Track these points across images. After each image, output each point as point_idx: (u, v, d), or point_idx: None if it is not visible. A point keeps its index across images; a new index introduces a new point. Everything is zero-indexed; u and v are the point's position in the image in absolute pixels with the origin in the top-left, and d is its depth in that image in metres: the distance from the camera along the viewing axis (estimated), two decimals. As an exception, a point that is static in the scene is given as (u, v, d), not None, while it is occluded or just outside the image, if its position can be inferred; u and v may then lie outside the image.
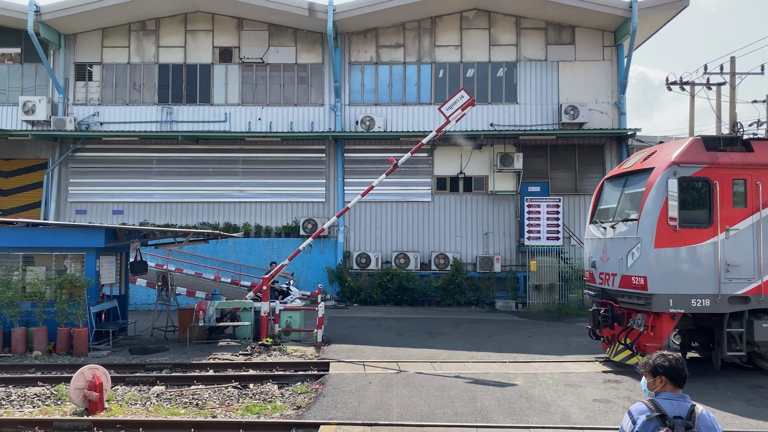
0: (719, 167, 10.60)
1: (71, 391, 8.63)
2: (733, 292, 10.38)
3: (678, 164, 10.54)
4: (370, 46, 23.06)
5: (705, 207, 10.58)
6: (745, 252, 10.48)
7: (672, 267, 10.41)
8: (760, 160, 10.78)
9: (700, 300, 10.34)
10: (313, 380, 10.49)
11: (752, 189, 10.64)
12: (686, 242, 10.41)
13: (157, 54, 23.26)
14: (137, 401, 9.39)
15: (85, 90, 23.22)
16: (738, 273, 10.41)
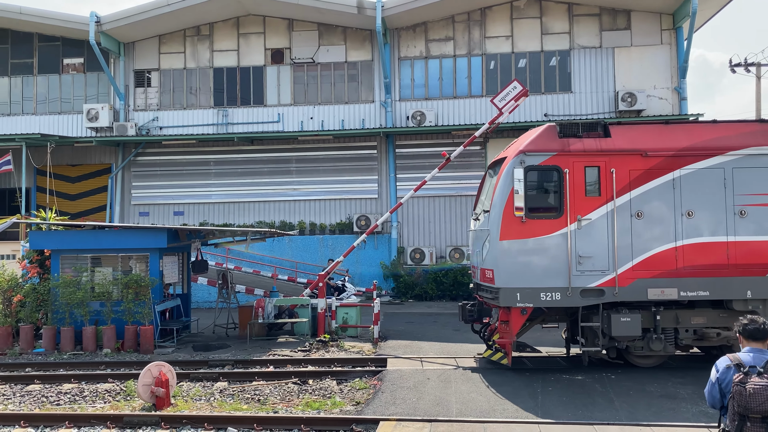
0: (570, 154, 9.95)
1: (139, 387, 8.94)
2: (586, 285, 9.77)
3: (525, 153, 9.99)
4: (419, 41, 22.97)
5: (555, 197, 9.97)
6: (599, 243, 9.81)
7: (519, 260, 9.86)
8: (617, 145, 10.02)
9: (550, 294, 9.78)
10: (371, 376, 10.54)
11: (606, 177, 9.91)
12: (534, 234, 9.85)
13: (212, 58, 23.82)
14: (201, 397, 9.65)
15: (144, 96, 24.00)
16: (591, 265, 9.78)
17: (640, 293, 9.78)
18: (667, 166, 9.91)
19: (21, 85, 24.65)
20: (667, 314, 10.01)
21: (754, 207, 9.82)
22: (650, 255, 9.81)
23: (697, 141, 10.00)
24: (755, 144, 9.91)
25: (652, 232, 9.85)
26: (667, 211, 9.87)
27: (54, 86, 24.48)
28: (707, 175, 9.89)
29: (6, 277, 14.26)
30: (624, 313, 9.81)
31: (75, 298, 13.42)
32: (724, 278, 9.75)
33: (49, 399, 9.77)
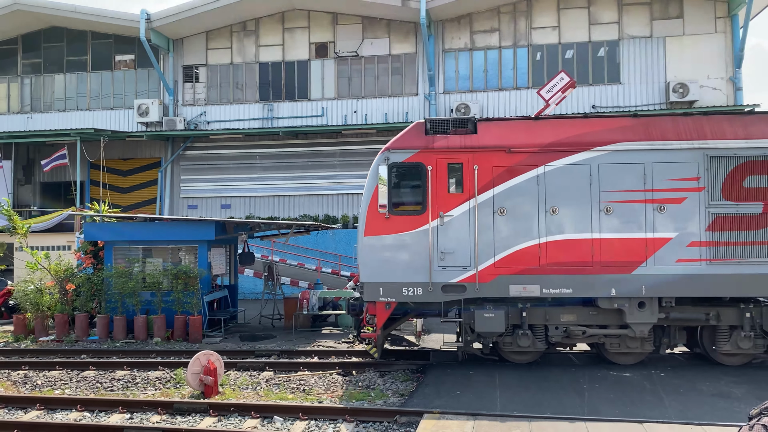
0: (434, 151, 9.90)
1: (188, 375, 9.17)
2: (447, 281, 9.74)
3: (390, 150, 10.00)
4: (464, 33, 22.76)
5: (419, 193, 9.90)
6: (461, 239, 9.74)
7: (383, 255, 9.87)
8: (481, 142, 9.88)
9: (412, 289, 9.81)
10: (414, 368, 10.55)
11: (469, 173, 9.81)
12: (398, 230, 9.86)
13: (257, 53, 24.13)
14: (248, 386, 9.84)
15: (192, 91, 24.50)
16: (453, 261, 9.74)
17: (502, 290, 9.70)
18: (531, 163, 9.75)
19: (75, 82, 25.49)
20: (535, 311, 9.96)
21: (620, 203, 9.61)
22: (513, 252, 9.71)
23: (563, 137, 9.80)
24: (622, 139, 9.69)
25: (514, 228, 9.76)
26: (531, 208, 9.73)
27: (106, 82, 25.23)
28: (573, 171, 9.69)
29: (62, 267, 14.81)
30: (488, 309, 9.78)
31: (127, 288, 13.83)
32: (588, 276, 9.58)
33: (103, 385, 10.11)
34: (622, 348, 10.10)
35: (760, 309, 9.71)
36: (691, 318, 9.82)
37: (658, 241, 9.52)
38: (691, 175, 9.54)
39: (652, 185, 9.59)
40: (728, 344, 9.79)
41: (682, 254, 9.49)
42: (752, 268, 9.40)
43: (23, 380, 10.48)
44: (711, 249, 9.46)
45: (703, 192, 9.51)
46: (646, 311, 9.63)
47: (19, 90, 25.91)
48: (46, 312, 14.48)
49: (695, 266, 9.46)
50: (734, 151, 9.51)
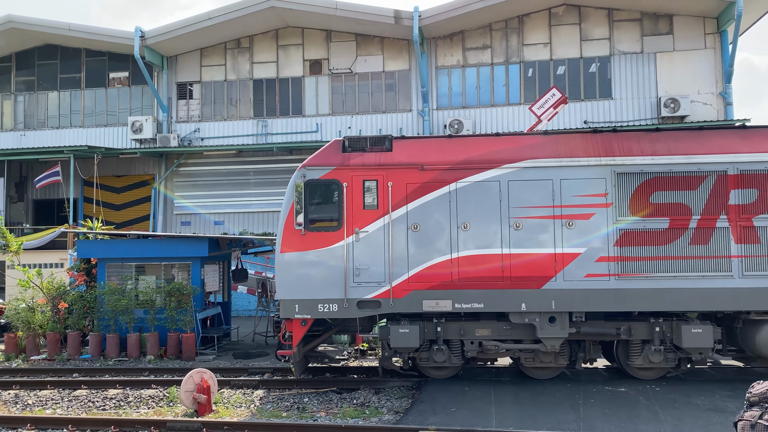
0: (350, 168, 10.09)
1: (182, 393, 9.10)
2: (362, 297, 9.84)
3: (306, 167, 10.21)
4: (456, 50, 22.94)
5: (334, 210, 10.08)
6: (375, 255, 9.87)
7: (299, 271, 9.98)
8: (396, 159, 10.09)
9: (327, 305, 9.89)
10: (409, 385, 10.50)
11: (384, 190, 10.01)
12: (314, 246, 9.99)
13: (252, 70, 24.23)
14: (242, 404, 9.76)
15: (186, 108, 24.55)
16: (368, 277, 9.86)
17: (416, 305, 9.79)
18: (443, 179, 9.94)
19: (69, 99, 25.50)
20: (450, 326, 10.05)
21: (529, 219, 9.77)
22: (426, 267, 9.83)
23: (474, 154, 10.01)
24: (531, 157, 9.86)
25: (428, 244, 9.88)
26: (443, 224, 9.87)
27: (100, 99, 25.25)
28: (483, 187, 9.87)
29: (55, 285, 14.71)
30: (403, 325, 9.87)
31: (120, 305, 13.75)
32: (498, 290, 9.69)
33: (95, 404, 10.01)
34: (536, 362, 10.20)
35: (670, 323, 9.81)
36: (602, 332, 9.94)
37: (567, 256, 9.65)
38: (599, 191, 9.70)
39: (561, 201, 9.73)
40: (640, 358, 9.92)
41: (591, 269, 9.60)
42: (659, 282, 9.53)
43: (14, 400, 10.37)
44: (619, 264, 9.58)
45: (610, 208, 9.67)
46: (556, 326, 9.73)
47: (12, 107, 25.90)
48: (37, 330, 14.36)
49: (604, 281, 9.58)
50: (641, 168, 9.68)
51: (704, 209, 9.57)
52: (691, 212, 9.57)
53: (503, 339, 10.01)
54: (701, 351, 9.68)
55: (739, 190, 9.56)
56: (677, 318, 9.86)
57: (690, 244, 9.53)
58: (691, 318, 9.86)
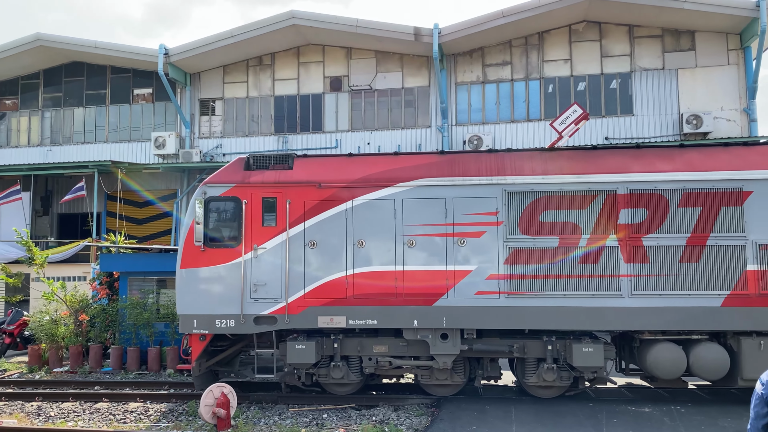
0: (250, 186, 10.24)
1: (201, 407, 9.12)
2: (259, 313, 9.96)
3: (207, 184, 10.35)
4: (476, 66, 23.00)
5: (234, 227, 10.20)
6: (273, 272, 9.99)
7: (197, 287, 10.09)
8: (295, 177, 10.26)
9: (224, 320, 10.01)
10: (428, 403, 10.42)
11: (282, 207, 10.14)
12: (213, 262, 10.09)
13: (273, 87, 24.50)
14: (261, 419, 9.76)
15: (209, 124, 24.87)
16: (265, 293, 9.97)
17: (311, 321, 9.90)
18: (340, 197, 10.06)
19: (94, 115, 25.97)
20: (349, 342, 10.17)
21: (423, 237, 9.85)
22: (322, 283, 9.93)
23: (370, 173, 10.12)
24: (425, 176, 9.98)
25: (324, 261, 9.99)
26: (340, 241, 9.98)
27: (125, 115, 25.68)
28: (379, 205, 9.98)
29: (77, 298, 14.89)
30: (299, 341, 10.00)
31: (141, 319, 13.87)
32: (392, 307, 9.76)
33: (116, 417, 10.08)
34: (432, 379, 10.22)
35: (564, 342, 9.79)
36: (495, 350, 9.99)
37: (458, 273, 9.71)
38: (490, 210, 9.79)
39: (453, 219, 9.82)
40: (534, 376, 9.93)
41: (482, 287, 9.67)
42: (549, 301, 9.53)
43: (36, 412, 10.48)
44: (509, 282, 9.64)
45: (501, 226, 9.74)
46: (448, 343, 9.81)
47: (39, 123, 26.44)
48: (60, 343, 14.52)
49: (494, 299, 9.63)
50: (531, 187, 9.74)
51: (594, 228, 9.58)
52: (581, 231, 9.57)
53: (401, 355, 10.10)
54: (594, 370, 9.67)
55: (629, 210, 9.55)
56: (572, 337, 9.85)
57: (579, 263, 9.54)
58: (584, 337, 9.85)
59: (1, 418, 10.04)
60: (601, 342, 9.68)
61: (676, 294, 9.36)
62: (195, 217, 10.19)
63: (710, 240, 9.39)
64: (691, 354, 9.47)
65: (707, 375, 9.49)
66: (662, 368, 9.44)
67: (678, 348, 9.49)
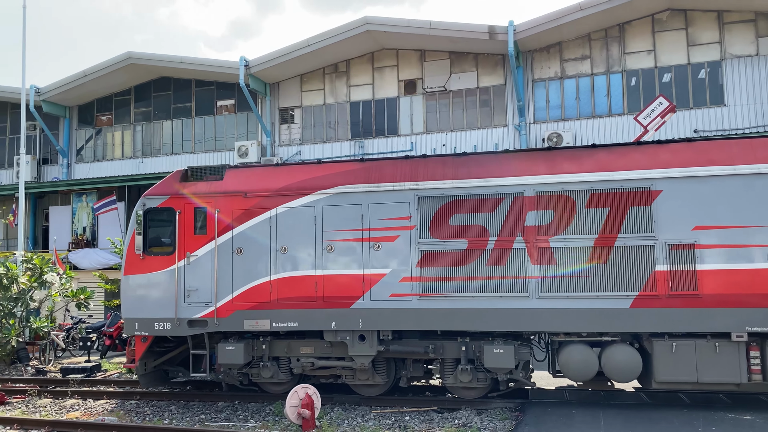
0: (183, 197, 10.84)
1: (287, 408, 9.33)
2: (192, 316, 10.55)
3: (146, 196, 11.04)
4: (553, 61, 22.44)
5: (169, 235, 10.81)
6: (204, 278, 10.56)
7: (138, 293, 10.80)
8: (224, 187, 10.76)
9: (162, 323, 10.66)
10: (512, 407, 10.23)
11: (212, 216, 10.66)
12: (152, 269, 10.80)
13: (349, 93, 24.87)
14: (344, 420, 9.88)
15: (288, 132, 25.53)
16: (197, 297, 10.56)
17: (238, 324, 10.42)
18: (265, 206, 10.51)
19: (181, 127, 27.24)
20: (277, 344, 10.73)
21: (341, 242, 10.20)
22: (248, 288, 10.42)
23: (292, 181, 10.54)
24: (344, 183, 10.32)
25: (250, 266, 10.46)
26: (264, 248, 10.45)
27: (209, 127, 26.78)
28: (300, 213, 10.38)
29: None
30: (230, 342, 10.61)
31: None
32: (312, 310, 10.17)
33: (208, 416, 10.48)
34: (355, 380, 10.59)
35: (480, 343, 9.90)
36: (411, 351, 10.25)
37: (374, 277, 10.03)
38: (403, 215, 10.02)
39: (369, 224, 10.13)
40: (452, 377, 10.16)
41: (396, 289, 9.93)
42: (459, 302, 9.68)
43: (135, 409, 11.06)
44: (421, 284, 9.85)
45: (414, 230, 9.96)
46: (365, 344, 10.17)
47: (132, 137, 28.01)
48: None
49: (407, 301, 9.88)
50: (441, 191, 9.94)
51: (501, 230, 9.68)
52: (489, 234, 9.68)
53: (327, 356, 10.54)
54: (506, 371, 9.79)
55: (535, 212, 9.58)
56: (491, 338, 9.95)
57: (488, 264, 9.65)
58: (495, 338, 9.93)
59: (103, 415, 10.68)
60: (513, 344, 9.75)
61: (583, 295, 9.31)
62: (135, 228, 11.00)
63: (618, 240, 9.29)
64: (602, 356, 9.49)
65: (618, 377, 9.50)
66: (573, 369, 9.56)
67: (589, 349, 9.52)
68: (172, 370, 11.88)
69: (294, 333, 10.68)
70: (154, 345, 11.22)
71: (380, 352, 10.23)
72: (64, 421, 10.00)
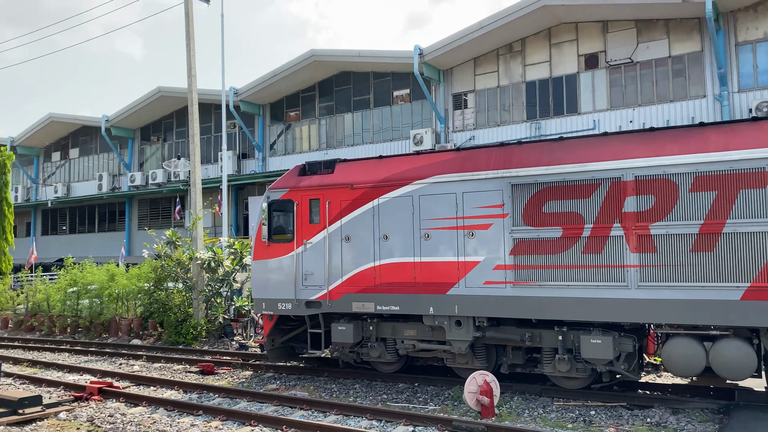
0: (300, 190, 11.84)
1: (466, 394, 9.31)
2: (309, 298, 11.53)
3: (270, 190, 12.20)
4: (762, 20, 19.73)
5: (289, 225, 11.87)
6: (318, 263, 11.47)
7: (265, 276, 12.05)
8: (334, 180, 11.55)
9: (284, 304, 11.76)
10: (715, 408, 9.21)
11: (323, 207, 11.52)
12: (276, 255, 11.94)
13: (524, 72, 24.09)
14: (524, 410, 9.62)
15: (461, 117, 25.45)
16: (313, 281, 11.51)
17: (347, 306, 11.21)
18: (368, 196, 11.15)
19: (361, 119, 28.41)
20: (384, 325, 11.28)
21: (436, 230, 10.52)
22: (355, 273, 11.18)
23: (392, 173, 11.04)
24: (439, 173, 10.58)
25: (357, 253, 11.20)
26: (369, 235, 11.10)
27: (386, 117, 27.60)
28: (399, 202, 10.86)
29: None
30: (341, 323, 11.35)
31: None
32: (411, 295, 10.66)
33: (389, 396, 10.83)
34: (455, 363, 10.90)
35: (577, 333, 9.62)
36: (507, 338, 10.30)
37: (468, 264, 10.23)
38: (496, 203, 10.06)
39: (463, 213, 10.33)
40: (550, 366, 10.02)
41: (489, 277, 10.06)
42: (553, 291, 9.55)
43: (323, 386, 11.78)
44: (515, 272, 9.86)
45: (507, 218, 9.97)
46: (462, 329, 10.39)
47: (317, 130, 29.83)
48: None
49: (501, 288, 9.97)
50: (535, 178, 9.80)
51: (598, 217, 9.35)
52: (584, 221, 9.41)
53: (428, 339, 10.88)
54: (604, 363, 9.45)
55: (634, 197, 9.14)
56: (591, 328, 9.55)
57: (583, 252, 9.40)
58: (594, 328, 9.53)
59: (295, 390, 11.52)
60: (611, 334, 9.33)
61: (687, 286, 8.73)
62: (262, 218, 12.15)
63: (727, 227, 8.54)
64: (711, 350, 8.77)
65: (728, 374, 8.83)
66: (675, 363, 9.01)
67: (695, 343, 8.88)
68: (298, 346, 12.76)
69: (398, 316, 11.14)
70: (280, 323, 12.37)
71: (477, 337, 10.43)
72: (262, 393, 10.94)
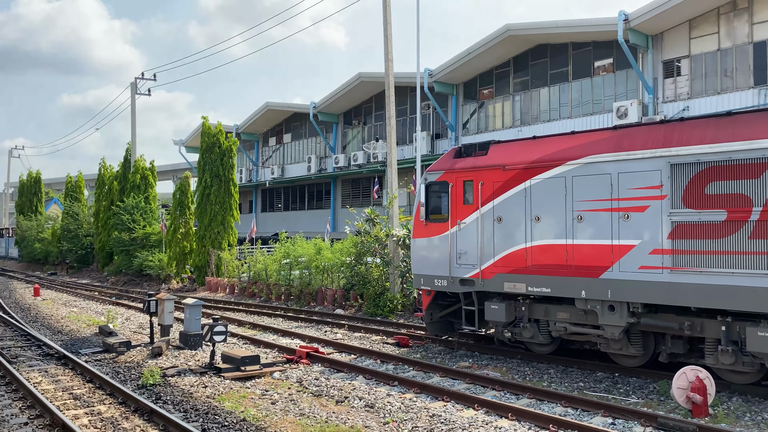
0: (455, 171, 12.18)
1: (674, 389, 8.57)
2: (463, 276, 11.94)
3: (428, 172, 12.72)
4: None
5: (445, 205, 12.30)
6: (471, 242, 11.82)
7: (423, 253, 12.76)
8: (487, 162, 11.66)
9: (440, 280, 12.38)
10: None
11: (476, 188, 11.73)
12: (432, 234, 12.55)
13: (751, 32, 21.19)
14: (746, 413, 8.59)
15: (673, 86, 23.16)
16: (466, 260, 11.89)
17: (498, 285, 11.37)
18: (520, 178, 11.11)
19: (558, 93, 27.22)
20: (536, 307, 11.27)
21: (590, 212, 10.26)
22: (507, 254, 11.28)
23: (545, 153, 10.86)
24: (594, 153, 10.25)
25: (508, 234, 11.28)
26: (520, 217, 11.11)
27: (586, 89, 26.10)
28: (552, 184, 10.69)
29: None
30: (494, 302, 11.54)
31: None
32: (563, 277, 10.52)
33: (586, 385, 10.36)
34: (609, 348, 10.54)
35: (744, 324, 8.85)
36: (664, 326, 9.84)
37: (623, 247, 9.86)
38: (654, 184, 9.58)
39: (618, 194, 9.92)
40: (712, 358, 9.39)
41: (645, 261, 9.64)
42: (715, 278, 8.94)
43: (516, 368, 11.62)
44: (672, 257, 9.38)
45: (665, 200, 9.48)
46: (615, 314, 10.04)
47: (511, 107, 29.20)
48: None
49: (657, 274, 9.52)
50: (697, 157, 9.19)
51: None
52: (752, 203, 8.68)
53: (581, 323, 10.63)
54: None
55: None
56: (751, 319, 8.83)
57: (750, 238, 8.68)
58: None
59: (487, 369, 11.52)
60: None
61: None
62: (420, 198, 12.70)
63: None
64: None
65: None
66: None
67: None
68: (456, 321, 13.02)
69: (550, 298, 11.03)
70: (438, 298, 12.93)
71: (631, 324, 10.05)
72: (455, 370, 11.12)
